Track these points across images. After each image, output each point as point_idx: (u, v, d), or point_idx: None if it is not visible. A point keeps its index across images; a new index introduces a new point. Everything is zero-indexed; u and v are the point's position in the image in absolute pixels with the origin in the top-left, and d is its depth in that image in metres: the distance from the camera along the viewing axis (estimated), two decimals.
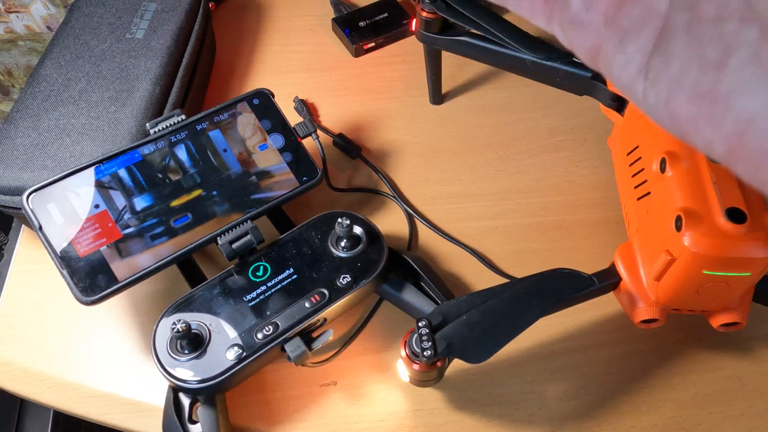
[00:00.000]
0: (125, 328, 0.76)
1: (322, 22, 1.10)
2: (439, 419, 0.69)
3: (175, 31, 0.90)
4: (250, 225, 0.73)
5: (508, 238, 0.83)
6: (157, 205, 0.72)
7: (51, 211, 0.68)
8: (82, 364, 0.74)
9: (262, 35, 1.09)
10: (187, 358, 0.64)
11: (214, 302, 0.69)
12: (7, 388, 0.74)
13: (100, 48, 0.87)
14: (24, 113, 0.80)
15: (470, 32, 0.82)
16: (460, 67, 1.02)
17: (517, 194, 0.87)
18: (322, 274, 0.71)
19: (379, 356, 0.73)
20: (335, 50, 1.07)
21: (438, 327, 0.62)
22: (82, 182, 0.70)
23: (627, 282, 0.66)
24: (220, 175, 0.75)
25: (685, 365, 0.72)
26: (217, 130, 0.77)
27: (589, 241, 0.82)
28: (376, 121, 0.96)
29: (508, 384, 0.71)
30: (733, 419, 0.69)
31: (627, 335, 0.74)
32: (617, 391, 0.71)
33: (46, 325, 0.77)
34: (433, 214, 0.85)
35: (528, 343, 0.74)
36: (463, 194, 0.87)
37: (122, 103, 0.81)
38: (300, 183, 0.78)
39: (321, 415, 0.70)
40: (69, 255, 0.67)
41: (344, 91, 1.00)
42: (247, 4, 1.14)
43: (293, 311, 0.68)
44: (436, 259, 0.81)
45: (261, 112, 0.80)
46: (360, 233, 0.74)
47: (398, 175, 0.89)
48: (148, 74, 0.84)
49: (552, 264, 0.70)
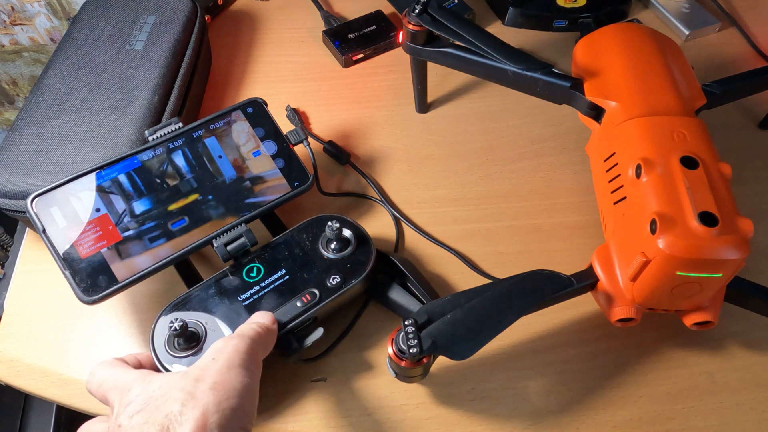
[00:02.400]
0: (125, 327, 0.76)
1: (312, 34, 1.10)
2: (425, 413, 0.69)
3: (173, 43, 0.89)
4: (244, 228, 0.73)
5: (490, 241, 0.83)
6: (156, 209, 0.72)
7: (54, 215, 0.68)
8: (83, 360, 0.73)
9: (256, 47, 1.09)
10: (184, 355, 0.64)
11: (210, 302, 0.68)
12: (12, 383, 0.73)
13: (101, 59, 0.87)
14: (28, 121, 0.80)
15: (454, 44, 0.82)
16: (444, 78, 1.02)
17: (500, 199, 0.87)
18: (312, 275, 0.71)
19: (367, 353, 0.73)
20: (325, 61, 1.06)
21: (423, 325, 0.62)
22: (83, 187, 0.70)
23: (604, 282, 0.66)
24: (215, 181, 0.75)
25: (660, 362, 0.72)
26: (212, 137, 0.77)
27: (567, 244, 0.82)
28: (364, 128, 0.96)
29: (491, 380, 0.71)
30: (704, 414, 0.68)
31: (604, 333, 0.74)
32: (594, 386, 0.70)
33: (50, 324, 0.76)
34: (419, 218, 0.85)
35: (509, 340, 0.74)
36: (448, 199, 0.87)
37: (122, 112, 0.81)
38: (292, 188, 0.77)
39: (312, 410, 0.69)
40: (71, 256, 0.67)
41: (334, 100, 1.00)
42: (241, 17, 1.14)
43: (285, 310, 0.68)
44: (422, 261, 0.81)
45: (255, 120, 0.80)
46: (349, 236, 0.74)
47: (386, 180, 0.89)
48: (146, 84, 0.84)
49: (532, 265, 0.69)
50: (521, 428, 0.68)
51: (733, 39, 1.08)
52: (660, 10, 1.10)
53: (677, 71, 0.74)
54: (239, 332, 0.60)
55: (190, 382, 0.52)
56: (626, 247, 0.64)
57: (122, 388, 0.55)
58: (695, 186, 0.60)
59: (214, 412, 0.50)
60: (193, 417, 0.49)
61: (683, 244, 0.56)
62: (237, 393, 0.53)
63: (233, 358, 0.55)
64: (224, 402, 0.51)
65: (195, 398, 0.51)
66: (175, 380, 0.53)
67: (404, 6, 1.06)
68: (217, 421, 0.50)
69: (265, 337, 0.62)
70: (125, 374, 0.57)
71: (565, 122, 0.95)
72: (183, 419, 0.49)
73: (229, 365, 0.55)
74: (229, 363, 0.55)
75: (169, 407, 0.50)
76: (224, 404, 0.51)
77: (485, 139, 0.94)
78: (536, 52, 1.06)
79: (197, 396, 0.51)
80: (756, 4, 1.13)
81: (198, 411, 0.50)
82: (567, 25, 1.07)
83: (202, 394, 0.51)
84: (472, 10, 1.09)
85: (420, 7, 0.80)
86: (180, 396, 0.51)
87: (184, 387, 0.52)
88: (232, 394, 0.52)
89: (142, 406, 0.51)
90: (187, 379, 0.53)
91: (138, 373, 0.56)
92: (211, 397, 0.51)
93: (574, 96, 0.77)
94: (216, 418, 0.50)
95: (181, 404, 0.50)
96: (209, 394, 0.51)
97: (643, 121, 0.68)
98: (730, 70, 0.96)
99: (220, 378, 0.53)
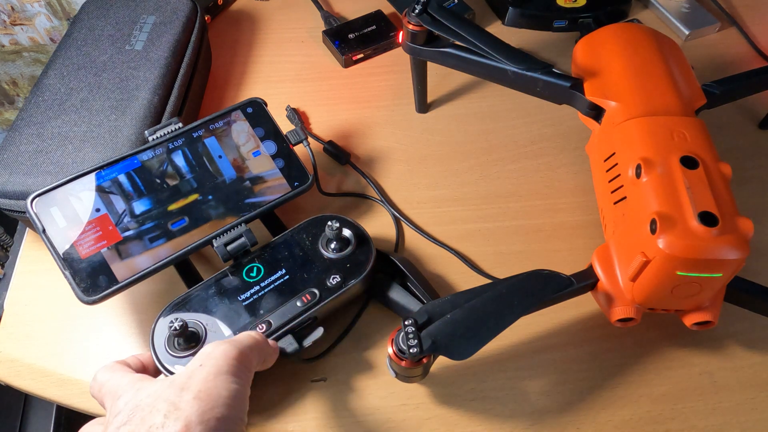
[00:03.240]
0: (125, 327, 0.76)
1: (312, 34, 1.10)
2: (425, 413, 0.69)
3: (173, 43, 0.89)
4: (244, 228, 0.73)
5: (490, 241, 0.83)
6: (156, 209, 0.72)
7: (54, 215, 0.68)
8: (83, 360, 0.73)
9: (256, 47, 1.09)
10: (184, 355, 0.64)
11: (210, 302, 0.68)
12: (12, 383, 0.73)
13: (100, 59, 0.87)
14: (28, 121, 0.80)
15: (454, 44, 0.82)
16: (444, 78, 1.02)
17: (499, 198, 0.87)
18: (312, 275, 0.71)
19: (367, 353, 0.73)
20: (325, 61, 1.06)
21: (423, 325, 0.62)
22: (83, 187, 0.70)
23: (604, 282, 0.66)
24: (215, 181, 0.75)
25: (660, 362, 0.72)
26: (212, 137, 0.77)
27: (567, 244, 0.82)
28: (364, 128, 0.96)
29: (491, 380, 0.71)
30: (704, 414, 0.68)
31: (604, 333, 0.74)
32: (594, 386, 0.70)
33: (50, 324, 0.76)
34: (419, 218, 0.85)
35: (509, 340, 0.73)
36: (448, 198, 0.87)
37: (122, 112, 0.81)
38: (292, 188, 0.77)
39: (312, 410, 0.69)
40: (71, 256, 0.67)
41: (334, 100, 1.00)
42: (241, 17, 1.14)
43: (285, 310, 0.68)
44: (422, 261, 0.81)
45: (254, 120, 0.80)
46: (349, 236, 0.74)
47: (386, 180, 0.89)
48: (146, 84, 0.84)
49: (532, 265, 0.69)
50: (521, 428, 0.68)
51: (733, 39, 1.08)
52: (660, 10, 1.10)
53: (677, 71, 0.74)
54: (233, 338, 0.59)
55: (175, 391, 0.51)
56: (626, 247, 0.64)
57: (115, 393, 0.54)
58: (695, 186, 0.60)
59: (197, 423, 0.48)
60: (176, 428, 0.48)
61: (683, 244, 0.56)
62: (223, 401, 0.51)
63: (221, 364, 0.54)
64: (209, 412, 0.50)
65: (178, 409, 0.49)
66: (163, 389, 0.52)
67: (404, 6, 1.06)
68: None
69: (261, 345, 0.60)
70: (121, 378, 0.56)
71: (565, 122, 0.95)
72: (164, 431, 0.48)
73: (216, 372, 0.53)
74: (217, 369, 0.53)
75: (152, 419, 0.49)
76: (208, 414, 0.49)
77: (485, 139, 0.94)
78: (536, 52, 1.06)
79: (180, 406, 0.50)
80: (756, 4, 1.13)
81: (180, 423, 0.48)
82: (567, 25, 1.07)
83: (186, 404, 0.50)
84: (472, 10, 1.09)
85: (420, 7, 0.80)
86: (164, 407, 0.50)
87: (169, 397, 0.51)
88: (217, 402, 0.51)
89: (128, 417, 0.50)
90: (173, 388, 0.52)
91: (131, 379, 0.56)
92: (195, 407, 0.49)
93: (574, 96, 0.77)
94: (200, 429, 0.48)
95: (164, 416, 0.49)
96: (193, 404, 0.50)
97: (643, 121, 0.68)
98: (730, 70, 0.96)
99: (205, 386, 0.51)
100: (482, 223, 0.84)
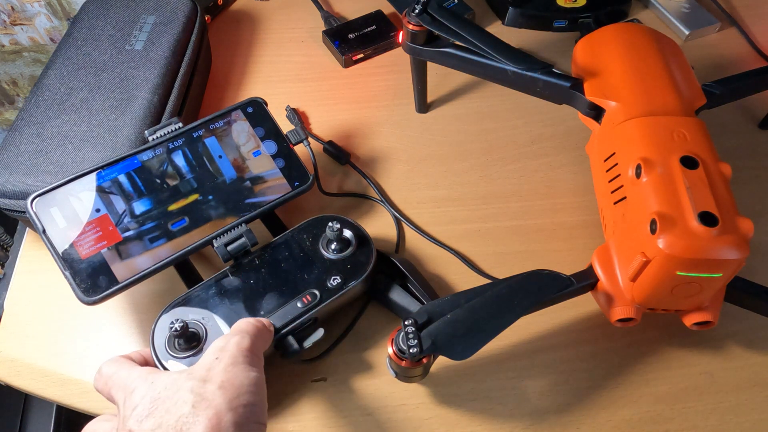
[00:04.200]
0: (125, 327, 0.76)
1: (312, 34, 1.10)
2: (425, 413, 0.69)
3: (173, 43, 0.89)
4: (244, 228, 0.73)
5: (490, 241, 0.83)
6: (156, 209, 0.72)
7: (54, 215, 0.68)
8: (83, 360, 0.73)
9: (256, 47, 1.09)
10: (184, 356, 0.64)
11: (210, 302, 0.68)
12: (12, 383, 0.73)
13: (100, 59, 0.87)
14: (28, 121, 0.80)
15: (454, 44, 0.82)
16: (444, 78, 1.02)
17: (499, 198, 0.87)
18: (313, 276, 0.71)
19: (367, 353, 0.73)
20: (325, 61, 1.06)
21: (424, 325, 0.62)
22: (83, 187, 0.70)
23: (604, 282, 0.66)
24: (215, 181, 0.75)
25: (660, 362, 0.72)
26: (212, 137, 0.77)
27: (567, 244, 0.82)
28: (364, 128, 0.96)
29: (491, 380, 0.71)
30: (704, 414, 0.68)
31: (604, 333, 0.74)
32: (594, 386, 0.70)
33: (50, 324, 0.76)
34: (419, 218, 0.85)
35: (509, 341, 0.74)
36: (448, 199, 0.87)
37: (122, 112, 0.81)
38: (292, 188, 0.77)
39: (312, 410, 0.69)
40: (71, 257, 0.67)
41: (334, 100, 1.00)
42: (241, 17, 1.14)
43: (286, 311, 0.68)
44: (422, 261, 0.81)
45: (255, 120, 0.79)
46: (349, 236, 0.74)
47: (386, 180, 0.89)
48: (146, 84, 0.84)
49: (532, 265, 0.70)
50: (521, 428, 0.68)
51: (733, 39, 1.08)
52: (660, 10, 1.10)
53: (677, 71, 0.74)
54: (238, 329, 0.60)
55: (197, 383, 0.52)
56: (626, 247, 0.64)
57: (126, 387, 0.55)
58: (695, 186, 0.60)
59: (227, 411, 0.50)
60: (207, 417, 0.49)
61: (683, 244, 0.56)
62: (246, 389, 0.53)
63: (236, 355, 0.56)
64: (235, 400, 0.51)
65: (206, 399, 0.51)
66: (182, 381, 0.53)
67: (404, 6, 1.07)
68: (232, 419, 0.50)
69: (263, 331, 0.62)
70: (129, 372, 0.57)
71: (565, 122, 0.95)
72: (196, 420, 0.49)
73: (233, 362, 0.55)
74: (234, 360, 0.55)
75: (179, 410, 0.50)
76: (235, 402, 0.51)
77: (485, 139, 0.94)
78: (536, 52, 1.06)
79: (207, 397, 0.51)
80: (756, 4, 1.13)
81: (211, 411, 0.50)
82: (567, 25, 1.07)
83: (212, 394, 0.51)
84: (472, 10, 1.09)
85: (420, 7, 0.80)
86: (189, 397, 0.51)
87: (193, 388, 0.52)
88: (241, 390, 0.52)
89: (149, 409, 0.51)
90: (193, 380, 0.53)
91: (141, 372, 0.56)
92: (222, 396, 0.51)
93: (574, 96, 0.77)
94: (230, 416, 0.50)
95: (192, 406, 0.50)
96: (219, 394, 0.51)
97: (643, 121, 0.68)
98: (730, 70, 0.96)
99: (227, 377, 0.53)
100: (482, 223, 0.84)
